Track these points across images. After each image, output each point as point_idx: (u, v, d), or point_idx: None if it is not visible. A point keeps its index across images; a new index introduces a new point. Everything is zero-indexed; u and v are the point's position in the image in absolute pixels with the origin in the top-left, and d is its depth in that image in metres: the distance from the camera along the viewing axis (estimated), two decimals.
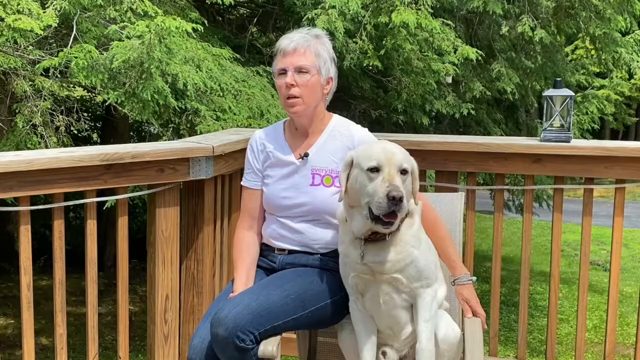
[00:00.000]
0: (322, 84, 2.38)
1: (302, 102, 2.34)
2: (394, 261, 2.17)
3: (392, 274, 2.18)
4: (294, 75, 2.33)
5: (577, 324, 3.04)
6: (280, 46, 2.38)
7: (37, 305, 2.52)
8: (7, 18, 3.41)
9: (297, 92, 2.33)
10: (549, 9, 5.75)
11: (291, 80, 2.32)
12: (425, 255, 2.23)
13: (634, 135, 23.26)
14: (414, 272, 2.18)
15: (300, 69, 2.33)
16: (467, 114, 6.05)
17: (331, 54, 2.42)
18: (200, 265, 2.84)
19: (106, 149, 2.52)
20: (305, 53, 2.34)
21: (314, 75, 2.34)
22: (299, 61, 2.33)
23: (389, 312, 2.25)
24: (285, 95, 2.35)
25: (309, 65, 2.33)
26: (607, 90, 8.28)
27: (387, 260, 2.16)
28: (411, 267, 2.18)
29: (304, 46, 2.35)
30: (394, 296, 2.22)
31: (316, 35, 2.40)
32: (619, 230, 2.92)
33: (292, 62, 2.33)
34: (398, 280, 2.19)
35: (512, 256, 8.75)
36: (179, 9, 4.84)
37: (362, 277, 2.22)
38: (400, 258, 2.17)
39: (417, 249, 2.20)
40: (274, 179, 2.44)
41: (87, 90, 5.29)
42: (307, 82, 2.33)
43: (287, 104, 2.36)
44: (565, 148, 2.92)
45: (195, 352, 2.22)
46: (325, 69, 2.38)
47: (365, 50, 4.90)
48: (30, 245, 2.31)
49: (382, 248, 2.16)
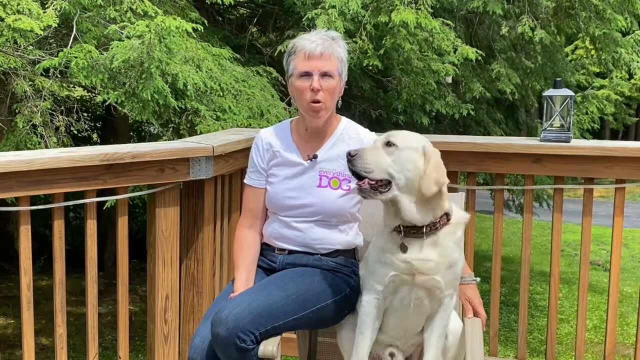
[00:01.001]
0: (341, 88, 2.38)
1: (325, 107, 2.33)
2: (438, 262, 2.13)
3: (434, 275, 2.14)
4: (320, 79, 2.32)
5: (577, 324, 3.04)
6: (303, 48, 2.33)
7: (37, 305, 2.52)
8: (7, 18, 3.41)
9: (322, 97, 2.31)
10: (549, 9, 5.75)
11: (318, 85, 2.30)
12: (461, 264, 2.23)
13: (634, 135, 23.26)
14: (452, 277, 2.17)
15: (326, 73, 2.32)
16: (467, 114, 6.05)
17: (347, 56, 2.42)
18: (200, 265, 2.84)
19: (106, 149, 2.52)
20: (331, 58, 2.33)
21: (337, 81, 2.34)
22: (325, 66, 2.31)
23: (415, 317, 2.23)
24: (310, 99, 2.32)
25: (333, 70, 2.33)
26: (607, 90, 8.29)
27: (430, 259, 2.13)
28: (451, 271, 2.17)
29: (330, 50, 2.33)
30: (425, 302, 2.19)
31: (333, 38, 2.38)
32: (619, 230, 2.92)
33: (319, 67, 2.31)
34: (437, 283, 2.15)
35: (512, 256, 8.75)
36: (179, 9, 4.84)
37: (401, 277, 2.16)
38: (445, 260, 2.14)
39: (456, 254, 2.19)
40: (279, 179, 2.43)
41: (87, 90, 5.30)
42: (331, 87, 2.32)
43: (311, 108, 2.33)
44: (565, 148, 2.92)
45: (196, 352, 2.22)
46: (345, 73, 2.39)
47: (365, 50, 4.90)
48: (30, 245, 2.31)
49: (424, 247, 2.13)
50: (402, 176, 2.08)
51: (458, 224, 2.19)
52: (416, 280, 2.16)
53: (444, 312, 2.22)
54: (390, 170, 2.09)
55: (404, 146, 2.11)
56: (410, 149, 2.11)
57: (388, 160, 2.10)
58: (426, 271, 2.14)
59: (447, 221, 2.15)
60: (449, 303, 2.23)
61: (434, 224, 2.12)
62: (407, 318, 2.24)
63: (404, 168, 2.09)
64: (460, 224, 2.21)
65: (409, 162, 2.09)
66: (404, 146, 2.11)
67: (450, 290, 2.20)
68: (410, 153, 2.10)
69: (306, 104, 2.34)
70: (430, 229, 2.12)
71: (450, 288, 2.20)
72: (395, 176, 2.08)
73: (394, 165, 2.09)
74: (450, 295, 2.21)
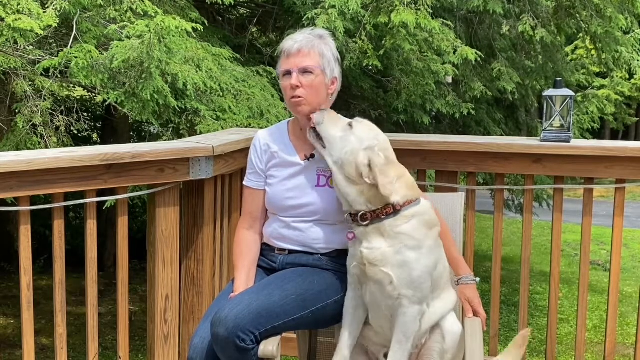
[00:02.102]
0: (327, 84, 2.37)
1: (307, 102, 2.33)
2: (385, 252, 2.14)
3: (381, 266, 2.14)
4: (299, 76, 2.32)
5: (577, 324, 3.04)
6: (283, 48, 2.38)
7: (37, 305, 2.52)
8: (7, 18, 3.41)
9: (302, 92, 2.32)
10: (549, 9, 5.75)
11: (296, 82, 2.32)
12: (424, 264, 2.16)
13: (634, 135, 23.26)
14: (405, 275, 2.13)
15: (304, 69, 2.33)
16: (467, 113, 6.05)
17: (335, 54, 2.42)
18: (200, 265, 2.84)
19: (106, 149, 2.52)
20: (310, 54, 2.34)
21: (318, 76, 2.34)
22: (303, 62, 2.33)
23: (381, 314, 2.23)
24: (290, 95, 2.35)
25: (313, 65, 2.33)
26: (607, 90, 8.30)
27: (378, 248, 2.15)
28: (404, 269, 2.13)
29: (308, 47, 2.34)
30: (378, 297, 2.18)
31: (319, 36, 2.39)
32: (619, 230, 2.92)
33: (297, 63, 2.33)
34: (386, 277, 2.13)
35: (512, 256, 8.75)
36: (179, 8, 4.84)
37: (359, 268, 2.21)
38: (393, 251, 2.13)
39: (412, 251, 2.15)
40: (278, 179, 2.44)
41: (87, 90, 5.29)
42: (312, 83, 2.33)
43: (293, 104, 2.36)
44: (565, 148, 2.92)
45: (195, 352, 2.23)
46: (330, 69, 2.37)
47: (365, 50, 4.90)
48: (30, 245, 2.31)
49: (373, 237, 2.16)
50: (336, 154, 2.21)
51: (413, 216, 2.17)
52: (367, 272, 2.18)
53: (403, 315, 2.15)
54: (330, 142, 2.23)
55: (356, 134, 2.22)
56: (358, 140, 2.20)
57: (339, 134, 2.22)
58: (374, 261, 2.16)
59: (392, 211, 2.15)
60: (411, 307, 2.15)
61: (374, 212, 2.15)
62: (375, 315, 2.24)
63: (342, 149, 2.20)
64: (415, 217, 2.17)
65: (349, 148, 2.19)
66: (357, 134, 2.21)
67: (406, 290, 2.13)
68: (356, 143, 2.19)
69: (289, 101, 2.38)
70: (371, 217, 2.15)
71: (406, 287, 2.13)
72: (331, 152, 2.22)
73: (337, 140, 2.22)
74: (409, 297, 2.14)
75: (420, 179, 3.17)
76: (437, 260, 2.23)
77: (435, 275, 2.23)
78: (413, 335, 2.18)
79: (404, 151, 3.03)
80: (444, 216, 2.52)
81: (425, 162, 3.08)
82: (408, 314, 2.15)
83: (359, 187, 2.17)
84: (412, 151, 3.04)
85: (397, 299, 2.15)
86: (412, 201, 2.19)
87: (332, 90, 2.41)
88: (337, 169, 2.21)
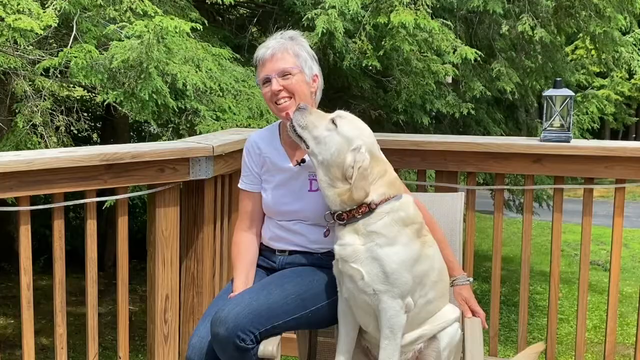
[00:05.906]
0: (309, 83, 2.36)
1: (293, 105, 2.30)
2: (356, 248, 2.13)
3: (352, 262, 2.14)
4: (279, 80, 2.31)
5: (577, 324, 3.04)
6: (257, 56, 2.37)
7: (37, 305, 2.52)
8: (7, 18, 3.41)
9: (285, 95, 2.31)
10: (549, 8, 5.75)
11: (277, 87, 2.31)
12: (398, 260, 2.12)
13: (634, 135, 23.26)
14: (376, 271, 2.12)
15: (283, 72, 2.31)
16: (467, 113, 6.05)
17: (310, 52, 2.40)
18: (200, 265, 2.84)
19: (106, 149, 2.52)
20: (284, 56, 2.33)
21: (296, 75, 2.32)
22: (279, 65, 2.32)
23: (362, 313, 2.21)
24: (274, 101, 2.33)
25: (290, 67, 2.32)
26: (607, 90, 8.30)
27: (349, 245, 2.14)
28: (374, 265, 2.12)
29: (281, 50, 2.33)
30: (355, 294, 2.18)
31: (290, 37, 2.38)
32: (619, 230, 2.92)
33: (274, 69, 2.32)
34: (358, 273, 2.13)
35: (512, 256, 8.75)
36: (179, 8, 4.84)
37: (336, 265, 2.21)
38: (364, 249, 2.12)
39: (383, 248, 2.12)
40: (271, 185, 2.43)
41: (87, 90, 5.29)
42: (293, 83, 2.31)
43: (279, 110, 2.34)
44: (565, 148, 2.92)
45: (194, 352, 2.22)
46: (308, 67, 2.36)
47: (364, 50, 4.90)
48: (30, 245, 2.32)
49: (347, 234, 2.16)
50: (322, 155, 2.15)
51: (387, 213, 2.14)
52: (342, 268, 2.18)
53: (385, 311, 2.13)
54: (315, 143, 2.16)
55: (341, 133, 2.16)
56: (345, 140, 2.15)
57: (324, 134, 2.16)
58: (345, 257, 2.15)
59: (367, 210, 2.14)
60: (391, 301, 2.12)
61: (350, 212, 2.14)
62: (357, 312, 2.23)
63: (328, 150, 2.14)
64: (389, 214, 2.14)
65: (335, 149, 2.14)
66: (342, 134, 2.16)
67: (382, 286, 2.11)
68: (343, 144, 2.14)
69: (274, 108, 2.36)
70: (347, 217, 2.15)
71: (379, 283, 2.11)
72: (316, 152, 2.16)
73: (322, 141, 2.15)
74: (387, 292, 2.11)
75: (420, 179, 3.17)
76: (416, 256, 2.16)
77: (418, 271, 2.17)
78: (401, 330, 2.16)
79: (404, 151, 3.04)
80: (443, 216, 2.52)
81: (425, 162, 3.08)
82: (389, 308, 2.13)
83: (338, 189, 2.15)
84: (412, 151, 3.04)
85: (374, 294, 2.13)
86: (388, 198, 2.16)
87: (314, 89, 2.39)
88: (323, 169, 2.17)
